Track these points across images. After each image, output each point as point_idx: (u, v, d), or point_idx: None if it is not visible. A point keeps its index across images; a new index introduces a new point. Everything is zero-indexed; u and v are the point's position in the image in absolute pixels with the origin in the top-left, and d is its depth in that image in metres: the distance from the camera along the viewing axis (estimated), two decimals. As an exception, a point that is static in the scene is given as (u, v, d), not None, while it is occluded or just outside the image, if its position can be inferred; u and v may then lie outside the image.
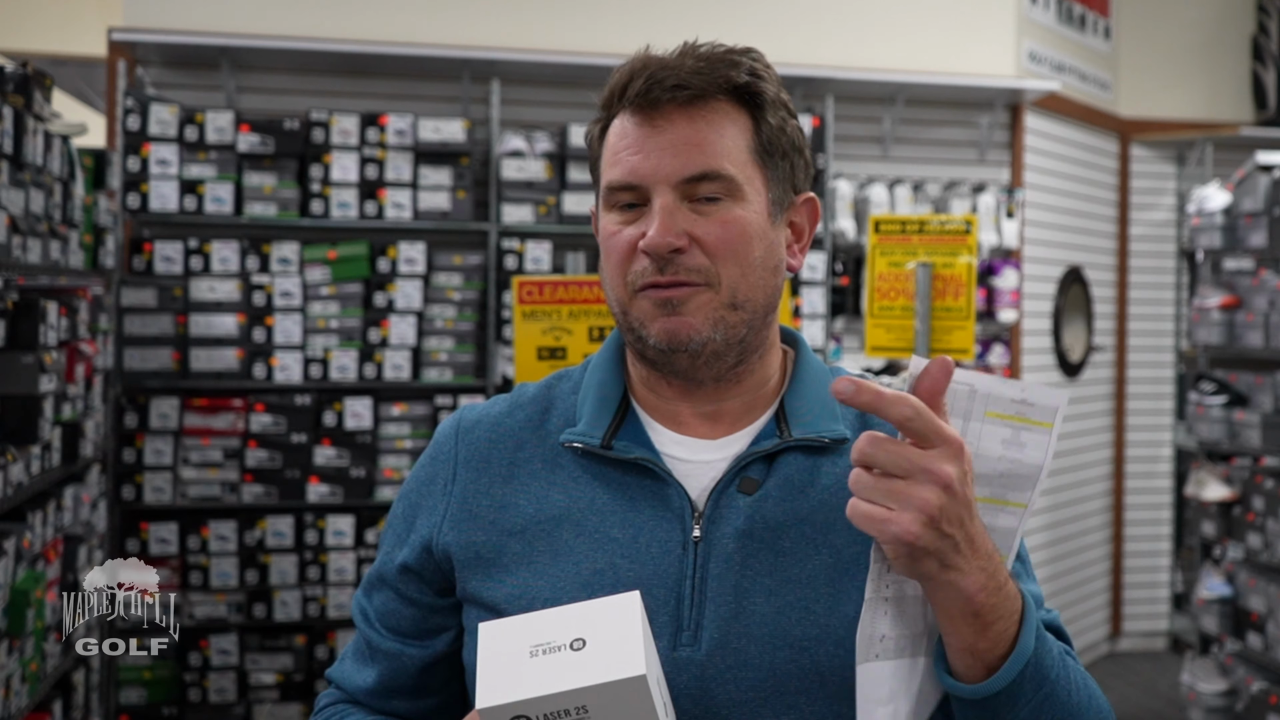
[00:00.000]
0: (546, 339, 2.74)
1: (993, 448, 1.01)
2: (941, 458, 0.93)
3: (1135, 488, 6.37)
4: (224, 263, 4.35)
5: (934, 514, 0.92)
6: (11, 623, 2.73)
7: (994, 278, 5.21)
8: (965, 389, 1.00)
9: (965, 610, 0.97)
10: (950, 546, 0.94)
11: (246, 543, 4.32)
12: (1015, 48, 5.39)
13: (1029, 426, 1.01)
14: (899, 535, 0.93)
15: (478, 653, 0.97)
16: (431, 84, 4.79)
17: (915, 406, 0.93)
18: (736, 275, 1.12)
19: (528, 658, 0.94)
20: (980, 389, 1.00)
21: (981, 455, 1.01)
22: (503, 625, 0.99)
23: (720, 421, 1.19)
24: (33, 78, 3.02)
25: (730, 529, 1.12)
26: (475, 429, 1.23)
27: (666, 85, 1.11)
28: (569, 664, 0.93)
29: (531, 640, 0.96)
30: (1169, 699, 5.41)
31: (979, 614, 0.97)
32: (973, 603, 0.96)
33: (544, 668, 0.93)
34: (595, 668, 0.92)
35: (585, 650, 0.93)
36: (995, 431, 1.01)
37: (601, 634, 0.95)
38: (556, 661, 0.93)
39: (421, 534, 1.21)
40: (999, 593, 0.98)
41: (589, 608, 0.98)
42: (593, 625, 0.95)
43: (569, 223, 4.59)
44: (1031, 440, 1.01)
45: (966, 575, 0.95)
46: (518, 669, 0.93)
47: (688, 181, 1.12)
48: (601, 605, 0.98)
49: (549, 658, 0.94)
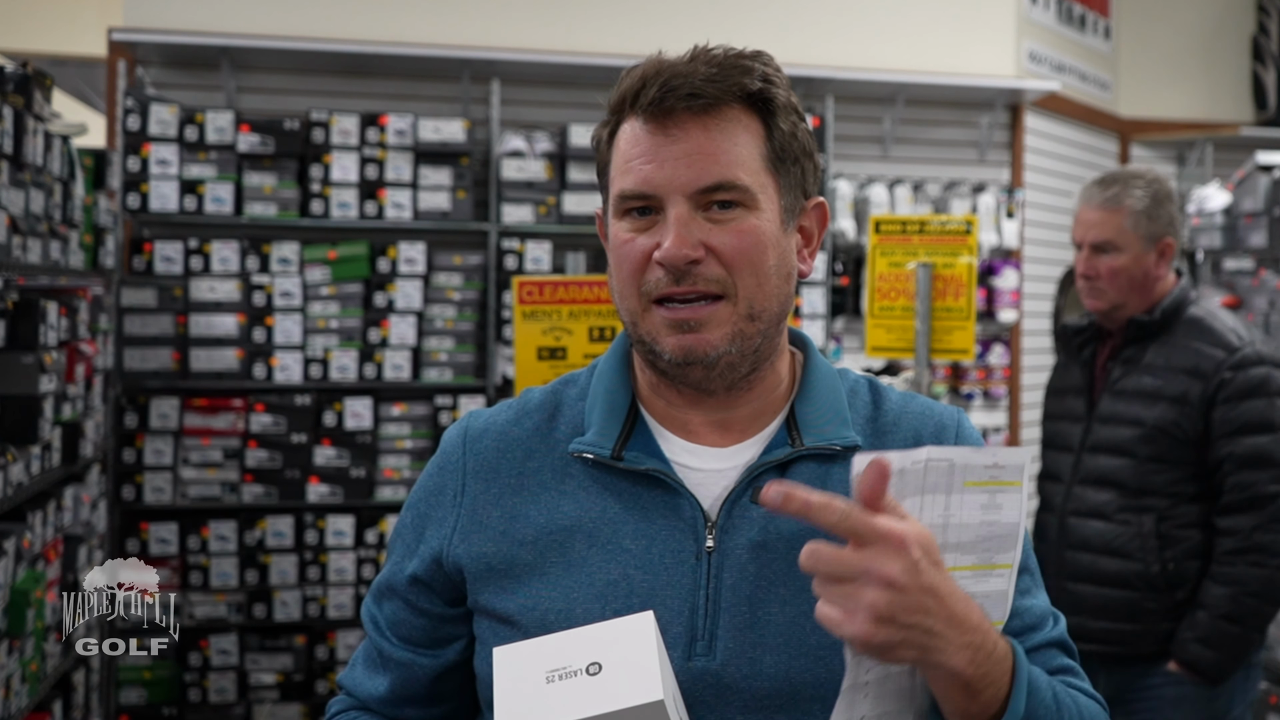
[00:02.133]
0: (547, 339, 2.74)
1: (973, 515, 1.04)
2: (881, 556, 0.93)
3: (1135, 488, 6.36)
4: (224, 263, 4.35)
5: (883, 613, 0.93)
6: (11, 623, 2.73)
7: (994, 278, 5.21)
8: (944, 464, 1.02)
9: (955, 683, 0.98)
10: (920, 634, 0.94)
11: (246, 543, 4.32)
12: (1015, 48, 5.39)
13: (1002, 488, 1.05)
14: (855, 636, 0.94)
15: (494, 680, 0.97)
16: (431, 84, 4.79)
17: (842, 510, 0.93)
18: (753, 285, 1.12)
19: (544, 684, 0.94)
20: (958, 462, 1.02)
21: (964, 524, 1.04)
22: (518, 650, 0.98)
23: (730, 429, 1.18)
24: (33, 78, 3.01)
25: (744, 540, 1.12)
26: (483, 438, 1.22)
27: (681, 93, 1.10)
28: (586, 689, 0.93)
29: (547, 665, 0.96)
30: (1169, 699, 5.40)
31: (969, 685, 0.99)
32: (961, 676, 0.97)
33: (562, 694, 0.93)
34: (612, 693, 0.92)
35: (601, 675, 0.94)
36: (974, 499, 1.03)
37: (617, 657, 0.95)
38: (574, 687, 0.93)
39: (431, 546, 1.20)
40: (989, 660, 0.99)
41: (603, 629, 0.98)
42: (607, 648, 0.95)
43: (569, 223, 4.59)
44: (1006, 501, 1.05)
45: (951, 654, 0.96)
46: (536, 697, 0.93)
47: (702, 192, 1.11)
48: (615, 627, 0.98)
49: (566, 684, 0.94)
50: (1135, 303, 2.64)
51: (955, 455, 1.02)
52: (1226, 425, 2.49)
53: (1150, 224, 2.61)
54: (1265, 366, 2.52)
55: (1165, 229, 2.62)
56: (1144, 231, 2.61)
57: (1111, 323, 2.69)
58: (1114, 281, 2.62)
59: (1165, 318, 2.61)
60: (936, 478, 1.02)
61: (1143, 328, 2.62)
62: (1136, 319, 2.63)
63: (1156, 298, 2.65)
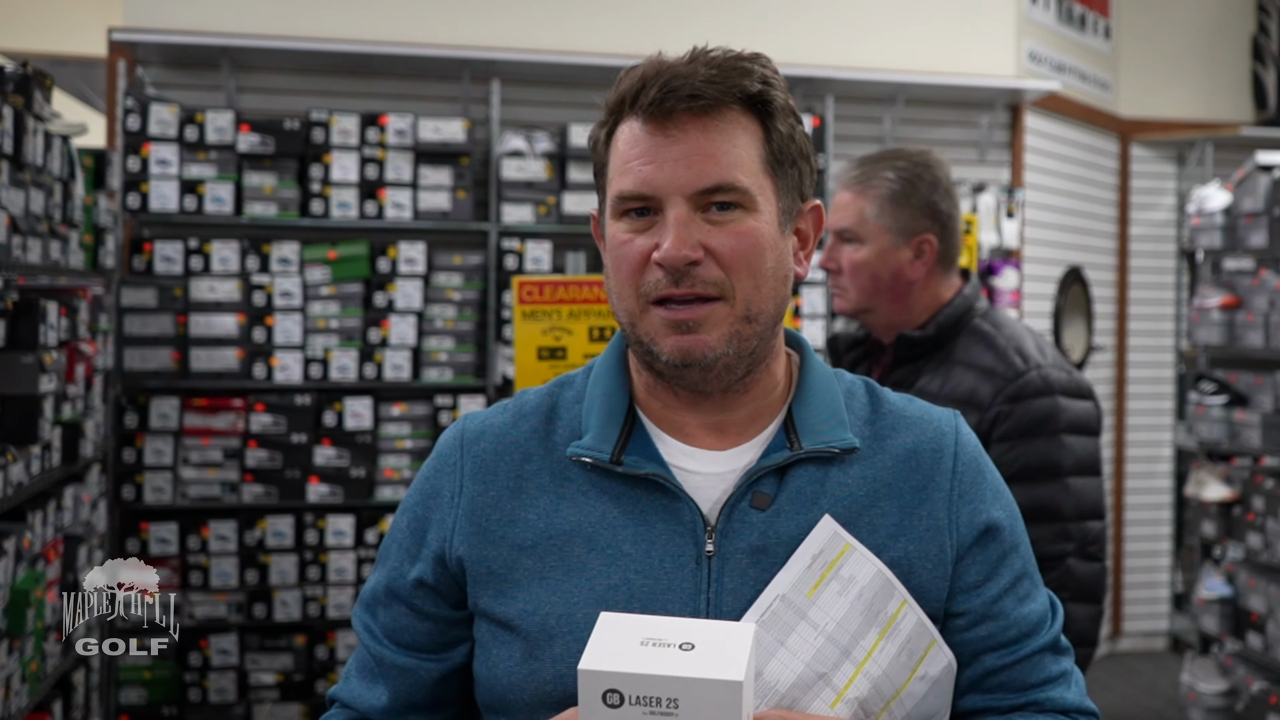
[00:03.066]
0: (546, 339, 2.74)
1: (838, 605, 1.10)
2: None
3: (1135, 488, 6.37)
4: (224, 263, 4.35)
5: None
6: (11, 623, 2.73)
7: (994, 278, 5.21)
8: (777, 601, 1.09)
9: None
10: None
11: (246, 543, 4.32)
12: (1015, 48, 5.39)
13: (839, 563, 1.11)
14: None
15: (592, 635, 1.01)
16: (431, 84, 4.79)
17: None
18: (750, 287, 1.12)
19: (638, 645, 0.99)
20: (785, 590, 1.10)
21: (841, 619, 1.10)
22: (623, 617, 1.03)
23: (727, 432, 1.19)
24: (33, 78, 3.01)
25: (743, 544, 1.13)
26: (480, 440, 1.22)
27: (681, 95, 1.10)
28: (674, 657, 0.98)
29: (646, 634, 1.00)
30: (1169, 699, 5.41)
31: None
32: None
33: (650, 654, 0.98)
34: (697, 665, 0.97)
35: (693, 651, 0.98)
36: (828, 596, 1.10)
37: (712, 644, 0.99)
38: (663, 653, 0.98)
39: (433, 548, 1.20)
40: None
41: (708, 624, 1.03)
42: (705, 637, 1.00)
43: (569, 223, 4.59)
44: (850, 569, 1.11)
45: None
46: (626, 649, 0.98)
47: (702, 193, 1.11)
48: (719, 626, 1.02)
49: (657, 649, 0.99)
50: (888, 309, 2.15)
51: (779, 586, 1.10)
52: (1003, 469, 1.86)
53: (898, 214, 2.11)
54: (1051, 397, 2.01)
55: (921, 223, 2.12)
56: (889, 223, 2.11)
57: (883, 335, 2.21)
58: (855, 278, 2.15)
59: (940, 334, 2.11)
60: (784, 616, 1.08)
61: (914, 345, 2.13)
62: (906, 335, 2.13)
63: (926, 306, 2.15)
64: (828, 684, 1.09)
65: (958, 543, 1.17)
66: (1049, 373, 2.03)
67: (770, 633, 1.08)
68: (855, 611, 1.09)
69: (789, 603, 1.08)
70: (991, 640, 1.18)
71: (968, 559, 1.18)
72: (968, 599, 1.17)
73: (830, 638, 1.08)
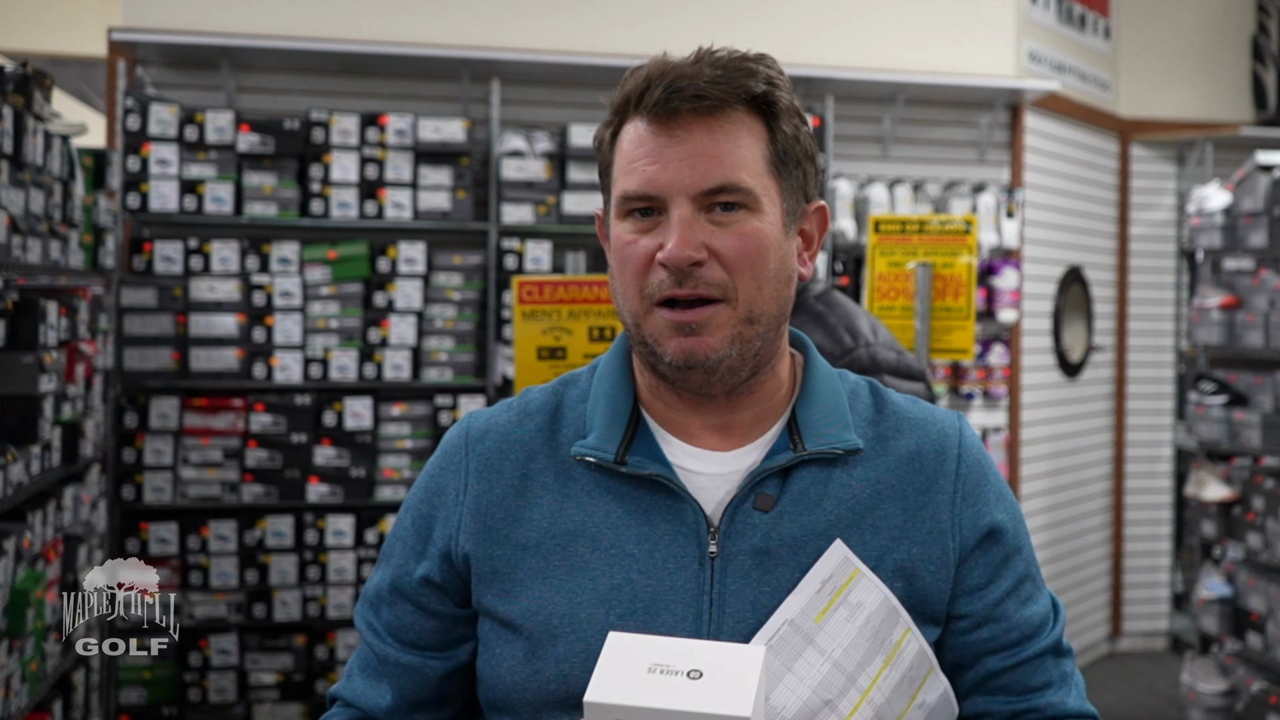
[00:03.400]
0: (546, 339, 2.74)
1: (846, 631, 1.09)
2: None
3: (1135, 488, 6.37)
4: (224, 263, 4.35)
5: None
6: (11, 623, 2.73)
7: (994, 278, 5.21)
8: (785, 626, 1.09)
9: None
10: None
11: (246, 543, 4.32)
12: (1015, 48, 5.39)
13: (847, 589, 1.10)
14: None
15: (600, 657, 0.99)
16: (431, 84, 4.79)
17: None
18: (753, 289, 1.12)
19: (645, 672, 0.98)
20: (790, 615, 1.09)
21: (848, 646, 1.09)
22: (631, 638, 1.02)
23: (731, 433, 1.19)
24: (33, 78, 3.01)
25: (746, 545, 1.13)
26: (485, 438, 1.22)
27: (686, 95, 1.10)
28: (681, 688, 0.96)
29: (653, 659, 0.99)
30: (1169, 699, 5.41)
31: None
32: None
33: (657, 684, 0.96)
34: (704, 697, 0.95)
35: (700, 680, 0.97)
36: (836, 622, 1.10)
37: (720, 671, 0.98)
38: (671, 682, 0.97)
39: (439, 545, 1.20)
40: None
41: (717, 647, 1.01)
42: (714, 662, 0.99)
43: (569, 223, 4.59)
44: (858, 594, 1.11)
45: None
46: (633, 677, 0.97)
47: (706, 193, 1.11)
48: (728, 648, 1.01)
49: (665, 678, 0.97)
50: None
51: (788, 611, 1.09)
52: None
53: None
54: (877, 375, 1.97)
55: None
56: None
57: None
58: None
59: None
60: (792, 641, 1.08)
61: None
62: None
63: None
64: (833, 711, 1.09)
65: (960, 545, 1.17)
66: (877, 351, 2.04)
67: (778, 658, 1.08)
68: (862, 638, 1.09)
69: (797, 628, 1.08)
70: (994, 643, 1.18)
71: (970, 561, 1.18)
72: (970, 601, 1.18)
73: (837, 664, 1.08)
